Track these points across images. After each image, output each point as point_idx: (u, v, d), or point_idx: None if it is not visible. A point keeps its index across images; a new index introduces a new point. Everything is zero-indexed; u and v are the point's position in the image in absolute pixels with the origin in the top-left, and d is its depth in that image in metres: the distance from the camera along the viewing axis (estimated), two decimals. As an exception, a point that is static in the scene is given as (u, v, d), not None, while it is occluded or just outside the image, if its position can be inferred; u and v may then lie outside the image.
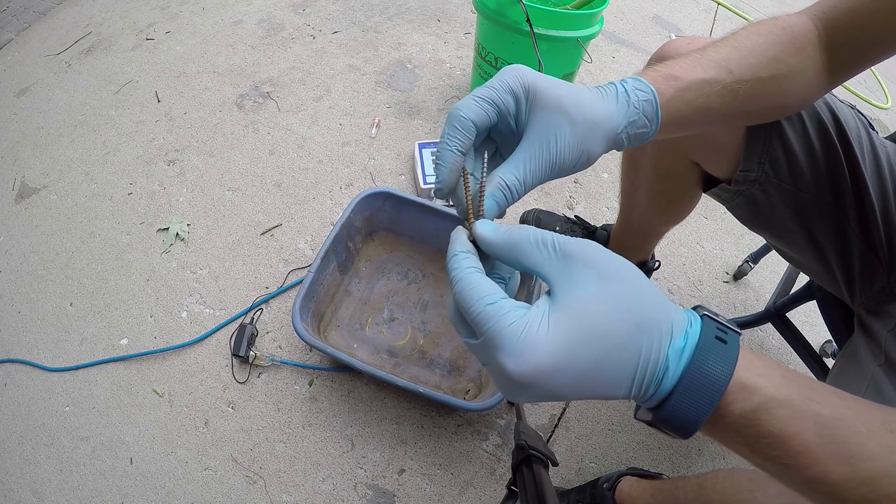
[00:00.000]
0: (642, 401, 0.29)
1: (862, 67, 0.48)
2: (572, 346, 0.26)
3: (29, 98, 1.47)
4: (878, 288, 0.58)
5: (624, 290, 0.27)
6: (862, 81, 1.74)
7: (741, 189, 0.60)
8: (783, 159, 0.56)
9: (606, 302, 0.27)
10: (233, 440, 0.89)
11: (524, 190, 0.35)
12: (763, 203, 0.60)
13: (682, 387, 0.27)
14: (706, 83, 0.41)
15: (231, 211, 1.18)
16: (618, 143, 0.37)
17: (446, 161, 0.34)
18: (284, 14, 1.70)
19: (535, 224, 1.09)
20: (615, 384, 0.27)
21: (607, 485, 0.74)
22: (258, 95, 1.43)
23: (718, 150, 0.60)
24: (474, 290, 0.28)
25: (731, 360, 0.27)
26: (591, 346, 0.26)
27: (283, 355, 0.97)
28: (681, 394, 0.27)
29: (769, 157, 0.56)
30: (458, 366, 0.94)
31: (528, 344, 0.26)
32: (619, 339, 0.26)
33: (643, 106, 0.37)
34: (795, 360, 1.02)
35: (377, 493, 0.84)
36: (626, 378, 0.27)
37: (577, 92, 0.35)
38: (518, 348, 0.26)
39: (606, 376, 0.27)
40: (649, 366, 0.27)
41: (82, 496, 0.84)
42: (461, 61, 1.55)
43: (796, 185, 0.57)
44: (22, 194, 1.24)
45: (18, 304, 1.06)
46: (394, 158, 1.28)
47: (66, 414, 0.92)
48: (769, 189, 0.58)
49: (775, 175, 0.57)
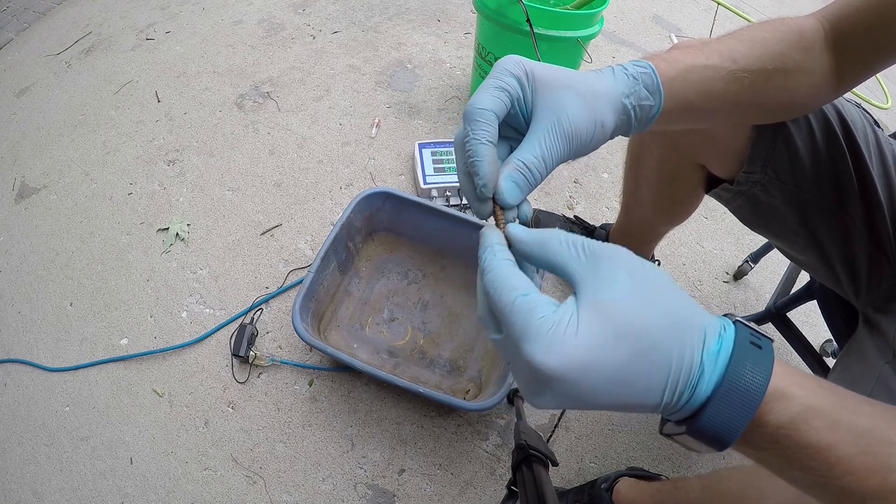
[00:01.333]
0: (673, 410, 0.27)
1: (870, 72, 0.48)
2: (604, 344, 0.25)
3: (29, 98, 1.47)
4: (886, 286, 0.58)
5: (657, 291, 0.27)
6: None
7: (743, 189, 0.60)
8: (787, 162, 0.56)
9: (639, 301, 0.26)
10: (233, 440, 0.89)
11: (545, 169, 0.33)
12: (765, 203, 0.60)
13: (721, 393, 0.25)
14: (709, 68, 0.41)
15: (231, 211, 1.18)
16: (626, 113, 0.37)
17: (482, 155, 0.32)
18: (284, 14, 1.70)
19: (534, 224, 1.09)
20: (647, 389, 0.25)
21: (605, 485, 0.74)
22: (258, 95, 1.43)
23: (724, 151, 0.60)
24: (508, 281, 0.27)
25: (768, 366, 0.26)
26: (623, 345, 0.25)
27: (283, 355, 0.97)
28: (719, 401, 0.26)
29: (773, 160, 0.56)
30: (458, 366, 0.94)
31: (559, 337, 0.25)
32: (653, 339, 0.25)
33: (642, 78, 0.37)
34: (796, 360, 1.02)
35: (377, 493, 0.84)
36: (659, 382, 0.25)
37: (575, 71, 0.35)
38: (548, 340, 0.25)
39: (639, 379, 0.25)
40: (683, 369, 0.25)
41: (82, 496, 0.84)
42: (461, 61, 1.55)
43: (799, 187, 0.57)
44: (22, 194, 1.24)
45: (18, 304, 1.06)
46: (394, 158, 1.28)
47: (66, 414, 0.92)
48: (771, 190, 0.58)
49: (777, 177, 0.57)
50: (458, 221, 0.99)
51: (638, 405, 0.26)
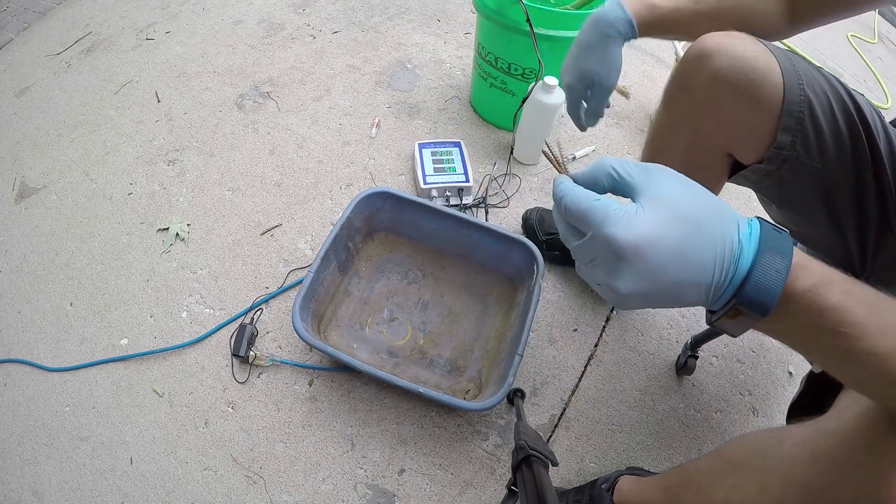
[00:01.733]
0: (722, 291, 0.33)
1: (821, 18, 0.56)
2: (665, 223, 0.32)
3: (29, 98, 1.47)
4: (890, 259, 0.61)
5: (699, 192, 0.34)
6: (862, 81, 1.74)
7: (771, 170, 0.63)
8: (813, 137, 0.59)
9: (687, 196, 0.34)
10: (233, 440, 0.89)
11: None
12: (791, 184, 0.63)
13: (759, 262, 0.32)
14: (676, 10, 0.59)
15: (231, 211, 1.18)
16: None
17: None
18: (284, 14, 1.70)
19: (537, 222, 1.10)
20: (702, 265, 0.32)
21: (606, 485, 0.74)
22: (258, 95, 1.43)
23: (752, 135, 0.63)
24: (582, 194, 0.34)
25: (790, 244, 0.33)
26: (679, 225, 0.32)
27: (283, 355, 0.97)
28: (758, 268, 0.32)
29: (801, 134, 0.59)
30: (458, 366, 0.94)
31: (631, 218, 0.32)
32: (701, 223, 0.32)
33: None
34: (797, 359, 1.02)
35: (377, 493, 0.84)
36: (710, 258, 0.32)
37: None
38: (624, 222, 0.32)
39: (694, 255, 0.32)
40: (727, 247, 0.32)
41: (82, 496, 0.84)
42: (461, 61, 1.55)
43: (824, 164, 0.60)
44: (22, 194, 1.24)
45: (18, 304, 1.06)
46: (394, 158, 1.28)
47: (66, 414, 0.92)
48: (798, 170, 0.62)
49: (806, 154, 0.60)
50: (458, 221, 0.99)
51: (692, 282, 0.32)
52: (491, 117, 1.37)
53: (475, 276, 1.04)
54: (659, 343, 1.03)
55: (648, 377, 0.98)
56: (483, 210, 1.18)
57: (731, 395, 0.97)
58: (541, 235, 1.07)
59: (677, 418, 0.94)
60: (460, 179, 1.16)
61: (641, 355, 1.01)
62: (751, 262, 0.32)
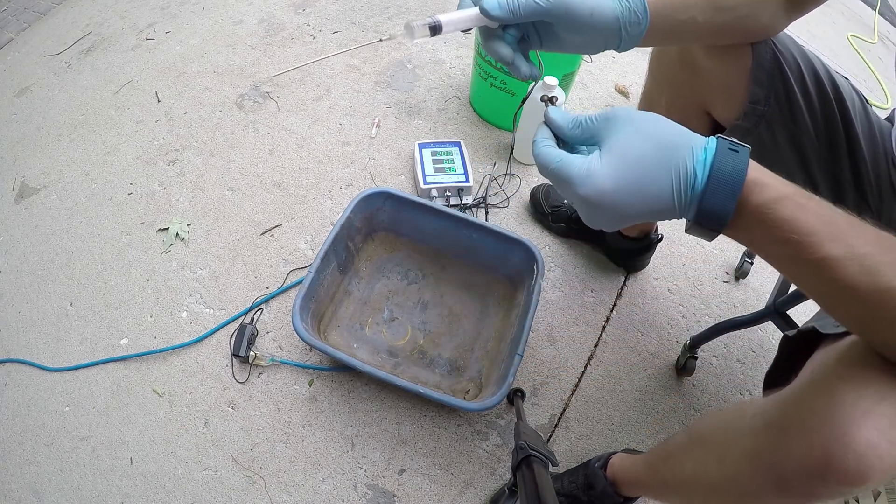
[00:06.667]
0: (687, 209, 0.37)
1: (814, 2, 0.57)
2: (620, 171, 0.36)
3: (29, 98, 1.47)
4: None
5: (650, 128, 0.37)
6: (862, 81, 1.74)
7: (749, 128, 0.65)
8: (784, 96, 0.63)
9: (638, 137, 0.37)
10: (233, 440, 0.89)
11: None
12: (769, 144, 0.66)
13: (710, 186, 0.35)
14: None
15: (231, 211, 1.18)
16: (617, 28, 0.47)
17: None
18: (284, 14, 1.70)
19: (543, 197, 1.15)
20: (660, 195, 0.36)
21: (598, 464, 0.75)
22: (258, 95, 1.43)
23: (726, 91, 0.66)
24: (547, 157, 0.39)
25: (744, 163, 0.35)
26: (633, 168, 0.36)
27: (283, 355, 0.97)
28: (710, 191, 0.35)
29: (774, 91, 0.63)
30: (458, 366, 0.94)
31: (591, 175, 0.37)
32: (654, 160, 0.36)
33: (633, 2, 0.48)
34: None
35: (377, 493, 0.84)
36: (667, 188, 0.36)
37: None
38: (584, 180, 0.37)
39: (652, 189, 0.36)
40: (681, 176, 0.36)
41: (82, 496, 0.84)
42: (461, 61, 1.55)
43: (797, 125, 0.63)
44: (22, 194, 1.24)
45: (18, 304, 1.06)
46: (394, 158, 1.28)
47: (66, 414, 0.92)
48: (774, 127, 0.64)
49: (779, 111, 0.63)
50: (458, 221, 0.99)
51: (660, 209, 0.37)
52: (491, 117, 1.37)
53: (475, 276, 1.04)
54: (659, 343, 1.03)
55: (648, 377, 0.98)
56: (483, 210, 1.18)
57: (731, 395, 0.97)
58: (546, 208, 1.14)
59: (677, 418, 0.94)
60: (460, 179, 1.16)
61: (641, 355, 1.01)
62: (703, 185, 0.35)
